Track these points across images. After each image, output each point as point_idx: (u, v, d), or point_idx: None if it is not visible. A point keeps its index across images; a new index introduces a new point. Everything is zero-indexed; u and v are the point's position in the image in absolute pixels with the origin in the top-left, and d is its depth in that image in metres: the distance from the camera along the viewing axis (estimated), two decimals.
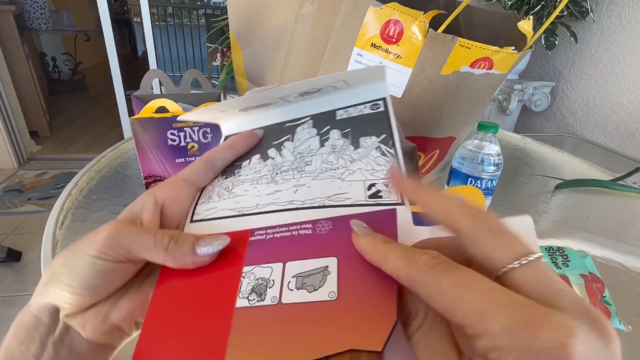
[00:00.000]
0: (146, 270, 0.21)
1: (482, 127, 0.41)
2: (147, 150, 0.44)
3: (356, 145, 0.20)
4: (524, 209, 0.62)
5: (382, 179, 0.19)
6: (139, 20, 2.12)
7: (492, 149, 0.44)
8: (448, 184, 0.49)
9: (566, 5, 1.35)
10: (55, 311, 0.18)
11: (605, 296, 0.42)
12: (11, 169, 2.00)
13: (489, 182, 0.46)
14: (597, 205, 0.66)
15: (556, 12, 0.33)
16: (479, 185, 0.45)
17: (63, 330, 0.18)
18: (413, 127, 0.34)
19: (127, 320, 0.20)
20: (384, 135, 0.20)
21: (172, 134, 0.44)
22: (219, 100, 0.48)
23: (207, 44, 2.51)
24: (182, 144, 0.45)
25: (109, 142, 0.78)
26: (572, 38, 1.43)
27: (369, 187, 0.19)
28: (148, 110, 0.43)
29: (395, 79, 0.32)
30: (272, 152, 0.22)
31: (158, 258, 0.18)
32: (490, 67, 0.29)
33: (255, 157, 0.23)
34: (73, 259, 0.18)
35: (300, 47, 0.38)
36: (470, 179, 0.44)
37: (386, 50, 0.31)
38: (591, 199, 0.67)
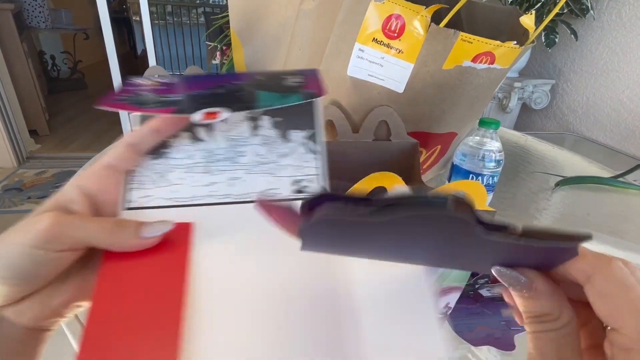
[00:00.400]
0: (85, 256, 0.20)
1: (483, 123, 0.41)
2: None
3: (285, 138, 0.22)
4: (524, 206, 0.62)
5: (308, 175, 0.21)
6: (138, 19, 2.12)
7: (493, 145, 0.44)
8: (449, 180, 0.49)
9: (566, 3, 1.35)
10: None
11: None
12: (11, 168, 2.00)
13: (490, 178, 0.46)
14: (598, 202, 0.66)
15: (556, 9, 0.33)
16: (480, 182, 0.45)
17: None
18: (415, 122, 0.34)
19: (68, 306, 0.20)
20: (311, 131, 0.21)
21: None
22: None
23: (207, 42, 2.51)
24: None
25: (109, 140, 0.78)
26: (572, 36, 1.43)
27: (294, 183, 0.21)
28: None
29: (397, 74, 0.32)
30: (202, 132, 0.22)
31: (104, 244, 0.18)
32: (492, 62, 0.29)
33: (185, 135, 0.22)
34: (6, 250, 0.17)
35: (302, 43, 0.38)
36: (471, 175, 0.44)
37: (388, 45, 0.31)
38: (591, 196, 0.67)
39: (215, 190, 0.21)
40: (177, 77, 0.30)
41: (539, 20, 0.30)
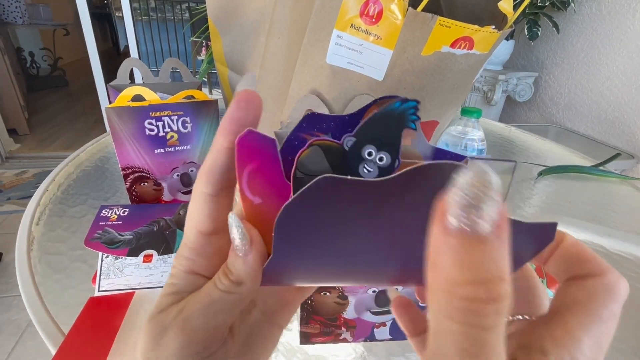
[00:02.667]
0: (241, 335, 0.18)
1: (465, 112, 0.41)
2: (124, 141, 0.43)
3: None
4: (508, 195, 0.62)
5: None
6: (120, 14, 2.07)
7: (475, 134, 0.44)
8: None
9: None
10: None
11: None
12: None
13: None
14: (579, 191, 0.67)
15: None
16: None
17: None
18: None
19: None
20: None
21: (150, 123, 0.43)
22: (200, 89, 0.47)
23: (192, 38, 2.47)
24: (161, 134, 0.44)
25: (91, 139, 0.76)
26: (554, 28, 1.45)
27: None
28: (123, 99, 0.41)
29: (376, 61, 0.31)
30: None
31: (243, 299, 0.15)
32: (470, 47, 0.29)
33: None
34: None
35: (280, 31, 0.37)
36: None
37: (366, 32, 0.30)
38: (573, 185, 0.69)
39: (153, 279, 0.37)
40: (129, 208, 0.44)
41: (518, 6, 0.30)
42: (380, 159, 0.16)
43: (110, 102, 0.48)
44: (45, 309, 0.37)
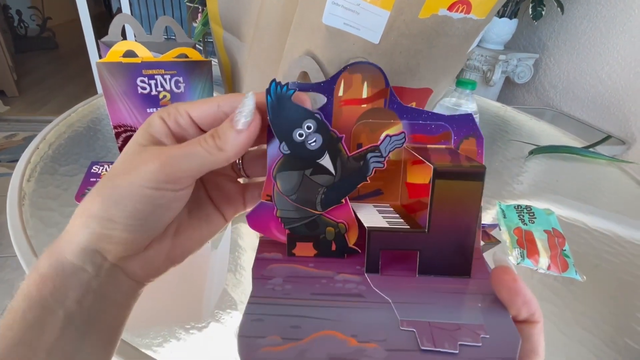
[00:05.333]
0: (187, 207, 0.20)
1: (460, 83, 0.41)
2: (115, 99, 0.42)
3: None
4: (499, 172, 0.64)
5: None
6: None
7: (469, 107, 0.44)
8: None
9: None
10: (99, 257, 0.17)
11: (565, 249, 0.44)
12: None
13: None
14: (568, 170, 0.68)
15: None
16: None
17: (112, 274, 0.17)
18: (390, 76, 0.33)
19: (183, 257, 0.20)
20: None
21: (142, 81, 0.42)
22: (194, 47, 0.46)
23: (187, 2, 2.37)
24: (154, 92, 0.43)
25: None
26: (558, 9, 1.42)
27: None
28: (114, 54, 0.40)
29: (373, 23, 0.31)
30: None
31: (218, 161, 0.17)
32: (468, 11, 0.28)
33: None
34: (121, 195, 0.16)
35: None
36: None
37: None
38: (563, 165, 0.70)
39: None
40: None
41: None
42: (309, 127, 0.18)
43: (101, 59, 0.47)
44: (36, 257, 0.38)
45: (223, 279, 0.38)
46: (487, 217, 0.51)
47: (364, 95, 0.19)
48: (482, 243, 0.21)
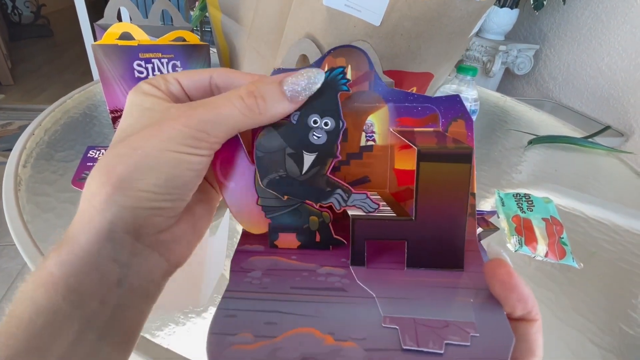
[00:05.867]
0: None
1: (461, 69, 0.41)
2: (112, 82, 0.41)
3: None
4: (497, 161, 0.63)
5: None
6: None
7: (469, 93, 0.43)
8: None
9: None
10: (127, 239, 0.15)
11: (562, 237, 0.44)
12: None
13: None
14: (567, 160, 0.68)
15: None
16: None
17: (141, 262, 0.15)
18: (391, 58, 0.33)
19: (204, 230, 0.18)
20: None
21: (139, 65, 0.41)
22: (191, 30, 0.45)
23: None
24: (151, 76, 0.42)
25: None
26: None
27: None
28: (110, 36, 0.40)
29: (374, 4, 0.30)
30: None
31: (253, 125, 0.16)
32: None
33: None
34: (151, 160, 0.14)
35: None
36: None
37: None
38: (561, 155, 0.70)
39: None
40: None
41: None
42: (326, 124, 0.18)
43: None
44: (33, 244, 0.37)
45: (221, 264, 0.38)
46: (486, 205, 0.51)
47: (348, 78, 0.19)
48: (480, 230, 0.21)
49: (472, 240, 0.17)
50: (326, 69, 0.18)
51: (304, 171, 0.18)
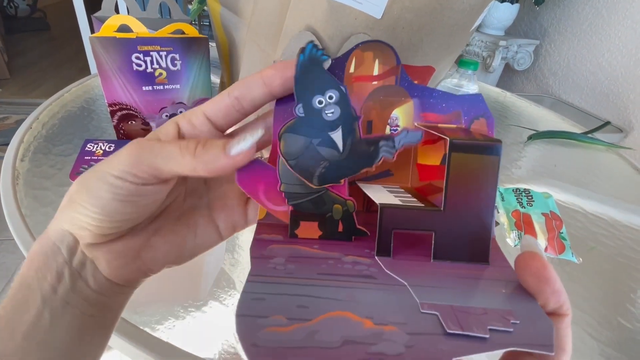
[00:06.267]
0: (177, 210, 0.19)
1: (463, 63, 0.40)
2: (110, 75, 0.41)
3: None
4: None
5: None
6: None
7: (470, 88, 0.43)
8: None
9: None
10: (72, 240, 0.17)
11: (562, 232, 0.44)
12: None
13: None
14: (566, 156, 0.68)
15: None
16: None
17: (81, 263, 0.17)
18: None
19: (159, 263, 0.19)
20: None
21: (138, 58, 0.41)
22: (190, 23, 0.44)
23: None
24: (149, 70, 0.42)
25: None
26: None
27: None
28: (108, 28, 0.39)
29: None
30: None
31: (186, 167, 0.16)
32: None
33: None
34: (92, 181, 0.16)
35: None
36: None
37: None
38: (561, 150, 0.70)
39: None
40: (114, 143, 0.41)
41: None
42: (330, 98, 0.18)
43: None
44: (32, 238, 0.37)
45: (221, 258, 0.38)
46: None
47: (375, 73, 0.19)
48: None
49: (492, 237, 0.17)
50: (354, 61, 0.18)
51: (341, 149, 0.18)
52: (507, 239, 0.43)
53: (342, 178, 0.18)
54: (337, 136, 0.18)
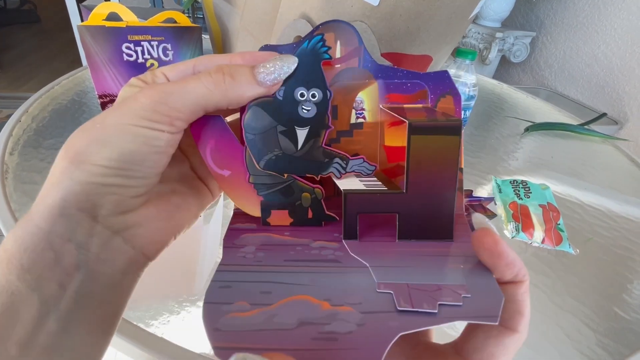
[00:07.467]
0: (172, 173, 0.18)
1: (460, 53, 0.40)
2: (100, 66, 0.40)
3: None
4: (494, 148, 0.63)
5: None
6: None
7: (468, 78, 0.43)
8: None
9: None
10: (86, 217, 0.14)
11: (559, 224, 0.44)
12: None
13: (463, 112, 0.46)
14: (563, 147, 0.68)
15: None
16: None
17: (106, 243, 0.14)
18: (389, 40, 0.32)
19: (189, 220, 0.18)
20: None
21: (128, 47, 0.40)
22: (183, 13, 0.43)
23: None
24: (140, 60, 0.41)
25: None
26: None
27: None
28: (97, 17, 0.38)
29: None
30: None
31: (217, 101, 0.15)
32: None
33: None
34: (112, 134, 0.14)
35: None
36: None
37: None
38: (558, 142, 0.69)
39: None
40: None
41: None
42: (313, 96, 0.17)
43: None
44: None
45: (215, 252, 0.38)
46: (483, 192, 0.51)
47: (338, 55, 0.18)
48: (476, 215, 0.20)
49: (461, 214, 0.17)
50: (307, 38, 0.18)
51: (299, 147, 0.18)
52: (505, 231, 0.43)
53: (285, 172, 0.18)
54: (301, 133, 0.18)
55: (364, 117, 0.19)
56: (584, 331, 0.34)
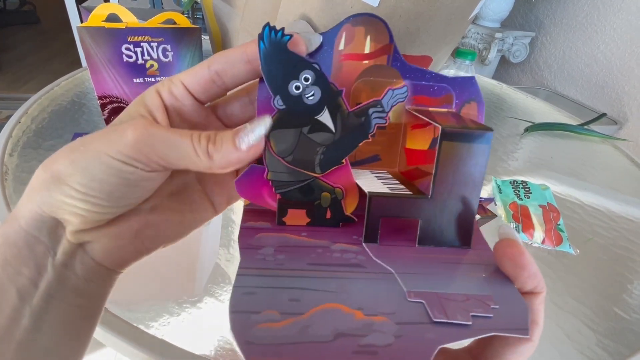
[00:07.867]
0: (168, 187, 0.18)
1: (460, 53, 0.40)
2: (100, 67, 0.40)
3: None
4: (494, 149, 0.63)
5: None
6: None
7: None
8: None
9: None
10: (55, 226, 0.15)
11: (559, 224, 0.44)
12: None
13: None
14: (562, 147, 0.68)
15: None
16: None
17: (68, 251, 0.15)
18: None
19: (158, 242, 0.18)
20: None
21: (128, 49, 0.40)
22: (182, 14, 0.43)
23: None
24: (140, 61, 0.41)
25: None
26: None
27: None
28: (96, 18, 0.38)
29: None
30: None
31: (201, 166, 0.15)
32: None
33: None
34: (88, 161, 0.14)
35: None
36: None
37: None
38: (557, 142, 0.70)
39: None
40: None
41: None
42: (306, 79, 0.17)
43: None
44: None
45: (215, 253, 0.38)
46: (483, 192, 0.51)
47: (367, 51, 0.18)
48: (477, 217, 0.21)
49: (476, 222, 0.17)
50: (343, 37, 0.17)
51: (333, 130, 0.17)
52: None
53: (342, 158, 0.17)
54: (325, 118, 0.17)
55: (387, 118, 0.19)
56: (584, 331, 0.34)
